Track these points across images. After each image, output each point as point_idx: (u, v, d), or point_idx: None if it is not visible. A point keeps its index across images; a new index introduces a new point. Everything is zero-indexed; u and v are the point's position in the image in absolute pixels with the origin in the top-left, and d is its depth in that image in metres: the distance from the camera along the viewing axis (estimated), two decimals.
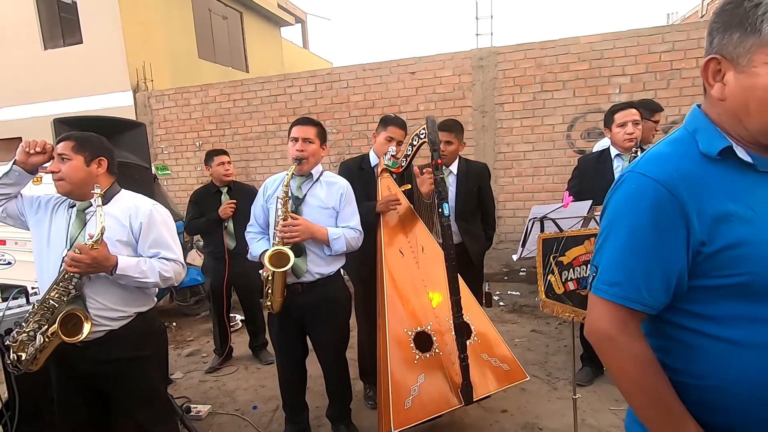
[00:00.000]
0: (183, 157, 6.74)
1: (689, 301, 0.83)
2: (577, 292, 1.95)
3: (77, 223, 1.68)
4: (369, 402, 2.72)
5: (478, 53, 5.35)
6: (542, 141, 5.22)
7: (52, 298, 1.56)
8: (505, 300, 4.64)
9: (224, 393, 3.05)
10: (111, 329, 1.67)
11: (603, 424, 2.42)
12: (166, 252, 1.74)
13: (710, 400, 0.82)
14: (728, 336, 0.79)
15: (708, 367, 0.81)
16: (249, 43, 10.88)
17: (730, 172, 0.80)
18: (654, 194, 0.80)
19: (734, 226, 0.77)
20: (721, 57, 0.78)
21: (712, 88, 0.81)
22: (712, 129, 0.82)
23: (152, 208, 1.74)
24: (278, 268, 1.98)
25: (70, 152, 1.65)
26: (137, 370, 1.73)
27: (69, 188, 1.66)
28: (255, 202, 2.32)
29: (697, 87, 4.66)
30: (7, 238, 4.44)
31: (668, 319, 0.86)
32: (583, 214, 1.99)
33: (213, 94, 6.44)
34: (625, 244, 0.83)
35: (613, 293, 0.84)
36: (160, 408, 1.87)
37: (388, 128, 2.50)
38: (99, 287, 1.64)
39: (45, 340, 1.54)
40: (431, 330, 2.13)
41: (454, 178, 2.77)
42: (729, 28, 0.77)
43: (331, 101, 5.94)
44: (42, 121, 7.36)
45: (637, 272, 0.82)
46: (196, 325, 4.42)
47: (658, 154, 0.85)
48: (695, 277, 0.81)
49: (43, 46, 7.89)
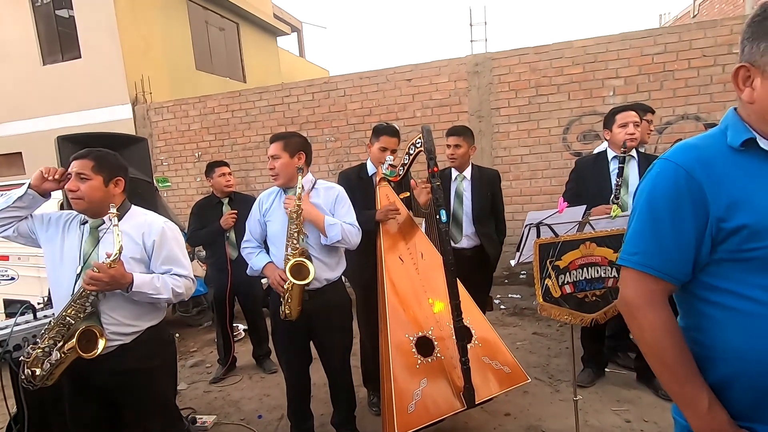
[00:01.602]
0: (183, 168, 6.78)
1: (714, 275, 0.91)
2: (573, 295, 1.98)
3: (90, 241, 1.71)
4: (373, 408, 2.74)
5: (473, 59, 5.41)
6: (539, 144, 5.26)
7: (69, 315, 1.59)
8: (506, 303, 4.66)
9: (229, 403, 3.07)
10: (123, 343, 1.71)
11: (605, 424, 2.44)
12: (178, 268, 1.78)
13: (733, 372, 0.88)
14: (747, 308, 0.86)
15: (730, 340, 0.88)
16: (246, 54, 10.97)
17: (754, 161, 0.88)
18: (674, 175, 0.90)
19: (754, 205, 0.85)
20: (749, 65, 0.86)
21: (742, 93, 0.89)
22: (740, 125, 0.90)
23: (164, 226, 1.78)
24: (300, 281, 2.00)
25: (90, 172, 1.68)
26: (148, 381, 1.77)
27: (86, 207, 1.70)
28: (251, 217, 2.33)
29: (690, 88, 4.72)
30: (10, 254, 4.46)
31: (697, 294, 0.93)
32: (578, 219, 2.03)
33: (211, 105, 6.50)
34: (647, 218, 0.94)
35: (634, 261, 0.94)
36: (170, 417, 1.91)
37: (380, 138, 2.55)
38: (113, 303, 1.68)
39: (61, 355, 1.57)
40: (432, 335, 2.15)
41: (468, 184, 2.86)
42: (757, 38, 0.85)
43: (329, 110, 5.99)
44: (42, 135, 7.43)
45: (656, 242, 0.92)
46: (199, 336, 4.44)
47: (686, 144, 0.94)
48: (719, 252, 0.89)
49: (42, 62, 7.96)
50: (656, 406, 2.54)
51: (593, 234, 1.99)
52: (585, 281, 1.98)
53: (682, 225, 0.89)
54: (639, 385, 2.77)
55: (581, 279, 1.97)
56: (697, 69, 4.68)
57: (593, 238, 1.98)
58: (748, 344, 0.85)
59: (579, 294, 1.98)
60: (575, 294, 1.98)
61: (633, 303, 0.94)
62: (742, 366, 0.87)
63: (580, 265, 1.96)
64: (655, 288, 0.92)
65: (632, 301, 0.94)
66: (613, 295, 2.01)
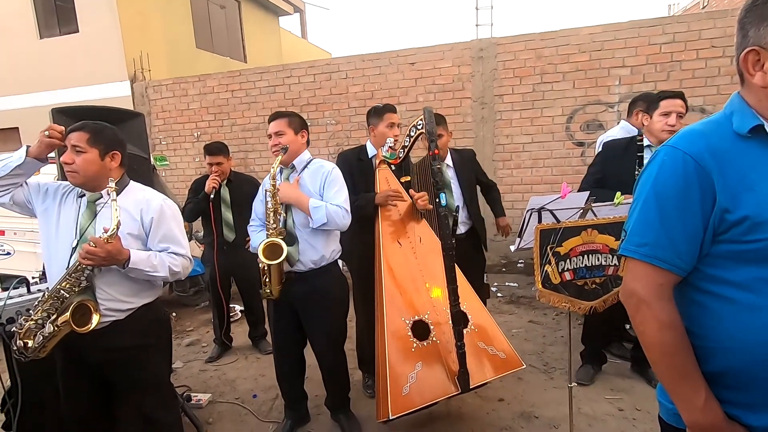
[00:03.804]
0: (181, 148, 6.71)
1: (712, 265, 0.89)
2: (573, 282, 1.96)
3: (87, 214, 1.69)
4: (368, 391, 2.75)
5: (478, 44, 5.32)
6: (541, 133, 5.21)
7: (63, 289, 1.58)
8: (502, 291, 4.67)
9: (224, 382, 3.08)
10: (117, 319, 1.69)
11: (598, 412, 2.45)
12: (176, 247, 1.77)
13: (726, 363, 0.88)
14: (745, 299, 0.85)
15: (725, 331, 0.87)
16: (247, 33, 10.78)
17: (760, 148, 0.86)
18: (682, 164, 0.87)
19: (757, 195, 0.83)
20: (760, 48, 0.84)
21: (753, 78, 0.86)
22: (747, 110, 0.88)
23: (162, 203, 1.76)
24: (272, 260, 2.01)
25: (85, 144, 1.65)
26: (143, 358, 1.76)
27: (82, 180, 1.67)
28: (256, 198, 2.36)
29: (697, 79, 4.65)
30: (6, 228, 4.44)
31: (692, 283, 0.92)
32: (581, 206, 2.01)
33: (211, 84, 6.40)
34: (654, 208, 0.90)
35: (643, 252, 0.91)
36: (164, 395, 1.90)
37: (385, 116, 2.52)
38: (109, 279, 1.67)
39: (55, 328, 1.56)
40: (429, 319, 2.15)
41: (452, 171, 2.80)
42: (764, 20, 0.83)
43: (330, 92, 5.91)
44: (39, 111, 7.29)
45: (665, 234, 0.89)
46: (195, 316, 4.45)
47: (691, 130, 0.92)
48: (719, 243, 0.87)
49: (38, 35, 7.81)
50: (649, 395, 2.55)
51: (595, 221, 1.97)
52: (585, 268, 1.96)
53: (690, 216, 0.87)
54: (633, 374, 2.78)
55: (581, 266, 1.95)
56: (705, 60, 4.61)
57: (595, 225, 1.95)
58: (742, 335, 0.85)
59: (579, 281, 1.97)
60: (575, 281, 1.96)
61: (640, 296, 0.91)
62: (736, 356, 0.87)
63: (581, 252, 1.94)
64: (664, 281, 0.90)
65: (640, 294, 0.91)
66: (613, 283, 2.00)
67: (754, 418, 0.87)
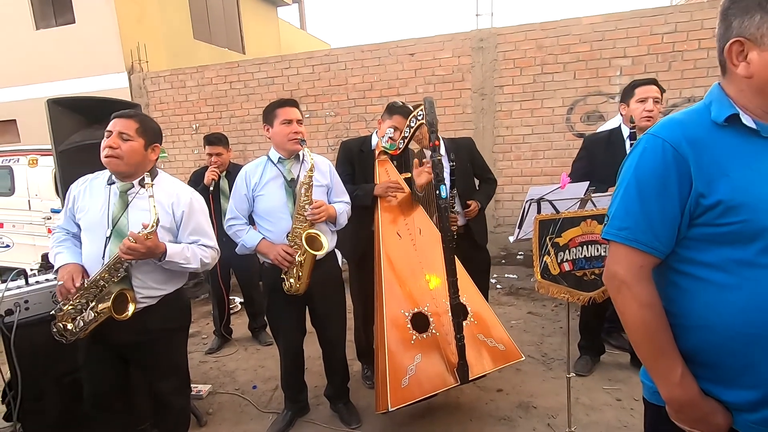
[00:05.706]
0: (180, 140, 6.67)
1: (688, 248, 0.93)
2: (572, 273, 1.96)
3: (120, 204, 1.73)
4: (367, 382, 2.76)
5: (478, 34, 5.27)
6: (541, 124, 5.17)
7: (103, 279, 1.66)
8: (502, 283, 4.68)
9: (224, 373, 3.10)
10: (149, 305, 1.76)
11: (596, 402, 2.47)
12: (205, 239, 1.83)
13: (701, 341, 0.92)
14: (718, 279, 0.89)
15: (700, 309, 0.91)
16: (245, 24, 10.68)
17: (735, 136, 0.89)
18: (662, 151, 0.91)
19: (731, 181, 0.86)
20: (744, 39, 0.86)
21: (737, 68, 0.89)
22: (725, 100, 0.92)
23: (192, 197, 1.82)
24: (316, 251, 2.01)
25: (134, 133, 1.68)
26: (166, 342, 1.83)
27: (123, 168, 1.70)
28: (235, 192, 2.22)
29: (698, 69, 4.62)
30: (5, 221, 4.44)
31: (670, 264, 0.96)
32: (580, 196, 2.00)
33: (209, 75, 6.35)
34: (634, 193, 0.94)
35: (623, 236, 0.95)
36: (181, 380, 1.96)
37: (393, 117, 2.42)
38: (145, 268, 1.74)
39: (95, 315, 1.66)
40: (428, 311, 2.15)
41: (446, 161, 2.75)
42: (748, 11, 0.85)
43: (329, 83, 5.87)
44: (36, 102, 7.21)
45: (644, 218, 0.93)
46: (195, 308, 4.45)
47: (671, 119, 0.95)
48: (694, 226, 0.91)
49: (35, 26, 7.72)
50: None
51: (595, 211, 1.96)
52: (584, 259, 1.96)
53: (669, 200, 0.91)
54: (632, 366, 2.79)
55: (580, 257, 1.95)
56: (707, 50, 4.57)
57: (594, 216, 1.95)
58: (715, 313, 0.89)
59: (578, 272, 1.96)
60: (574, 272, 1.96)
61: (622, 277, 0.95)
62: (709, 333, 0.90)
63: (580, 242, 1.94)
64: (644, 263, 0.94)
65: (621, 275, 0.95)
66: None
67: (726, 393, 0.91)
